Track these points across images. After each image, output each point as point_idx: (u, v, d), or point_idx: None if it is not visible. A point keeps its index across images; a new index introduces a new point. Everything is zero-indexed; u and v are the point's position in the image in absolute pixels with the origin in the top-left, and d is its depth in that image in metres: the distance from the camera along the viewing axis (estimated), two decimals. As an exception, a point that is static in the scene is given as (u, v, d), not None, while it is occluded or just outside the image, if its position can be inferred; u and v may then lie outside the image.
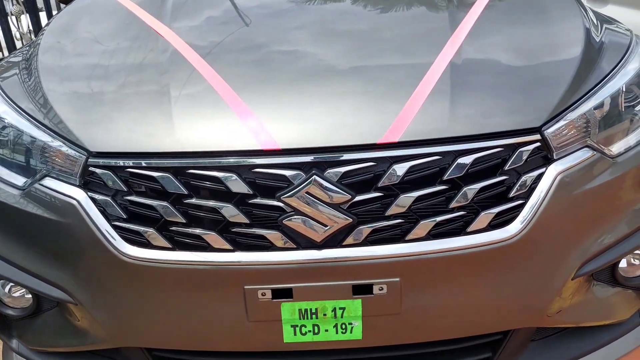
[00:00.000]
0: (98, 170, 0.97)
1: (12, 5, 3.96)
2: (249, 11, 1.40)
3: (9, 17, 3.91)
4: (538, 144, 0.97)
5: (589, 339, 1.17)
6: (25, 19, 4.21)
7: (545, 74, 1.08)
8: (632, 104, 1.14)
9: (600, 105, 1.06)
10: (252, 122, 0.97)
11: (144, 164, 0.95)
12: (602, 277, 1.15)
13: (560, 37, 1.20)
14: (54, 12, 4.46)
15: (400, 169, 0.93)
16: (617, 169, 1.04)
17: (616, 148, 1.06)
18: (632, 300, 1.21)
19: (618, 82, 1.11)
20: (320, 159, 0.93)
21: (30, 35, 4.41)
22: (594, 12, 1.47)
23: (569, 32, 1.21)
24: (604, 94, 1.08)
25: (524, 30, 1.24)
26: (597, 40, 1.24)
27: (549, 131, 0.98)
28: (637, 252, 1.17)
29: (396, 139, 0.93)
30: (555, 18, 1.30)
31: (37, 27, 4.33)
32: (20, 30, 4.09)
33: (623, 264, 1.18)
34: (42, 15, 4.36)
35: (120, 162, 0.96)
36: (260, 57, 1.18)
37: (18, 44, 4.06)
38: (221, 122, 0.98)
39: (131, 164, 0.95)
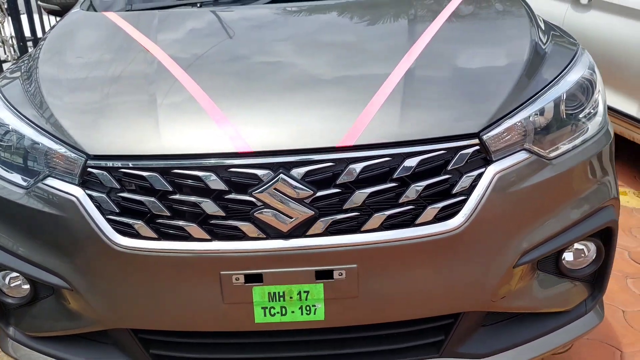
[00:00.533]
0: (95, 171, 1.21)
1: (-4, 12, 4.25)
2: (227, 26, 1.67)
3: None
4: (477, 147, 1.21)
5: (535, 326, 1.40)
6: (8, 26, 4.51)
7: (488, 84, 1.34)
8: (574, 111, 1.39)
9: (538, 113, 1.31)
10: (228, 128, 1.22)
11: (135, 165, 1.20)
12: (546, 268, 1.39)
13: (507, 50, 1.47)
14: (35, 16, 4.76)
15: (356, 168, 1.17)
16: (553, 170, 1.29)
17: (553, 151, 1.31)
18: (577, 291, 1.45)
19: (557, 91, 1.36)
20: (287, 160, 1.18)
21: (12, 41, 4.70)
22: (546, 24, 1.74)
23: (515, 46, 1.48)
24: (542, 102, 1.33)
25: (475, 45, 1.51)
26: (543, 51, 1.49)
27: (487, 136, 1.23)
28: (579, 246, 1.42)
29: (352, 143, 1.18)
30: (505, 33, 1.57)
31: (19, 34, 4.62)
32: (3, 36, 4.38)
33: (570, 257, 1.42)
34: (23, 19, 4.64)
35: (115, 164, 1.20)
36: (236, 69, 1.45)
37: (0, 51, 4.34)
38: (201, 128, 1.23)
39: (123, 164, 1.20)
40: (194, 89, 1.33)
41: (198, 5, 1.88)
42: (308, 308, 1.23)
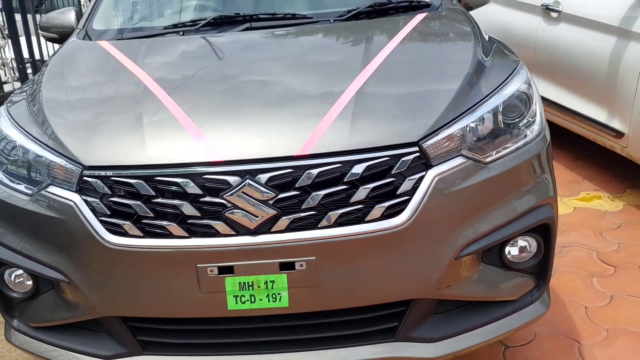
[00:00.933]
0: (90, 179, 1.46)
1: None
2: (205, 51, 1.94)
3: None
4: (417, 154, 1.45)
5: (485, 313, 1.62)
6: (8, 51, 4.85)
7: (429, 99, 1.58)
8: (512, 121, 1.62)
9: (474, 123, 1.55)
10: (203, 142, 1.47)
11: (123, 174, 1.44)
12: (490, 261, 1.61)
13: (449, 67, 1.72)
14: (33, 38, 5.09)
15: (312, 173, 1.41)
16: (489, 172, 1.52)
17: (489, 156, 1.54)
18: (523, 282, 1.66)
19: (493, 104, 1.59)
20: (253, 167, 1.42)
21: (12, 63, 5.03)
22: (490, 40, 2.00)
23: (458, 63, 1.73)
24: (478, 114, 1.56)
25: (422, 64, 1.78)
26: (483, 67, 1.74)
27: (426, 144, 1.46)
28: (522, 241, 1.64)
29: (308, 152, 1.42)
30: (451, 51, 1.83)
31: (18, 56, 4.95)
32: (4, 58, 4.72)
33: (512, 251, 1.64)
34: (21, 41, 4.98)
35: (107, 173, 1.45)
36: (211, 89, 1.71)
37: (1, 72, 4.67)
38: (180, 142, 1.48)
39: (114, 173, 1.44)
40: (174, 109, 1.58)
41: (181, 33, 2.15)
42: (274, 296, 1.46)
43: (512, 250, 1.63)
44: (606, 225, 2.94)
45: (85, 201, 1.45)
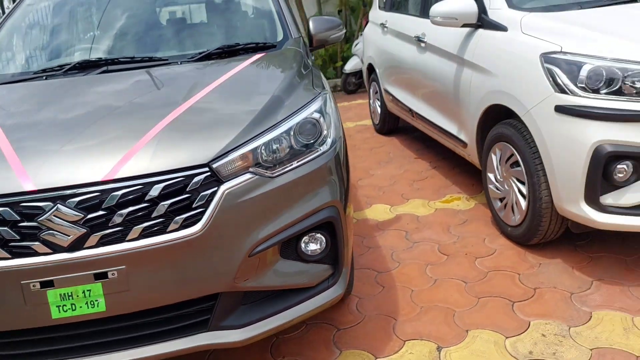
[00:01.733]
0: None
1: None
2: (50, 96, 2.15)
3: None
4: (208, 173, 1.70)
5: (287, 299, 1.87)
6: None
7: (225, 126, 1.84)
8: (306, 141, 1.91)
9: (265, 143, 1.82)
10: (23, 176, 1.66)
11: None
12: (287, 254, 1.87)
13: (254, 99, 2.00)
14: None
15: (117, 195, 1.64)
16: (273, 184, 1.79)
17: (278, 170, 1.81)
18: (319, 271, 1.93)
19: (283, 128, 1.87)
20: (64, 193, 1.63)
21: None
22: (308, 74, 2.29)
23: (263, 95, 2.01)
24: (268, 137, 1.83)
25: (234, 97, 2.05)
26: (289, 97, 2.02)
27: (216, 165, 1.72)
28: (316, 237, 1.90)
29: (113, 177, 1.65)
30: (262, 85, 2.12)
31: None
32: None
33: (305, 245, 1.90)
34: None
35: None
36: (42, 129, 1.90)
37: None
38: (5, 179, 1.66)
39: None
40: (6, 148, 1.77)
41: (44, 77, 2.35)
42: (92, 303, 1.66)
43: (304, 245, 1.90)
44: (455, 222, 3.30)
45: None
